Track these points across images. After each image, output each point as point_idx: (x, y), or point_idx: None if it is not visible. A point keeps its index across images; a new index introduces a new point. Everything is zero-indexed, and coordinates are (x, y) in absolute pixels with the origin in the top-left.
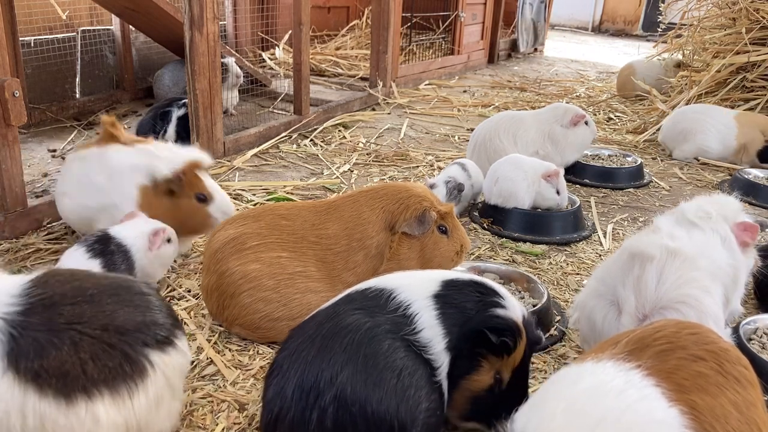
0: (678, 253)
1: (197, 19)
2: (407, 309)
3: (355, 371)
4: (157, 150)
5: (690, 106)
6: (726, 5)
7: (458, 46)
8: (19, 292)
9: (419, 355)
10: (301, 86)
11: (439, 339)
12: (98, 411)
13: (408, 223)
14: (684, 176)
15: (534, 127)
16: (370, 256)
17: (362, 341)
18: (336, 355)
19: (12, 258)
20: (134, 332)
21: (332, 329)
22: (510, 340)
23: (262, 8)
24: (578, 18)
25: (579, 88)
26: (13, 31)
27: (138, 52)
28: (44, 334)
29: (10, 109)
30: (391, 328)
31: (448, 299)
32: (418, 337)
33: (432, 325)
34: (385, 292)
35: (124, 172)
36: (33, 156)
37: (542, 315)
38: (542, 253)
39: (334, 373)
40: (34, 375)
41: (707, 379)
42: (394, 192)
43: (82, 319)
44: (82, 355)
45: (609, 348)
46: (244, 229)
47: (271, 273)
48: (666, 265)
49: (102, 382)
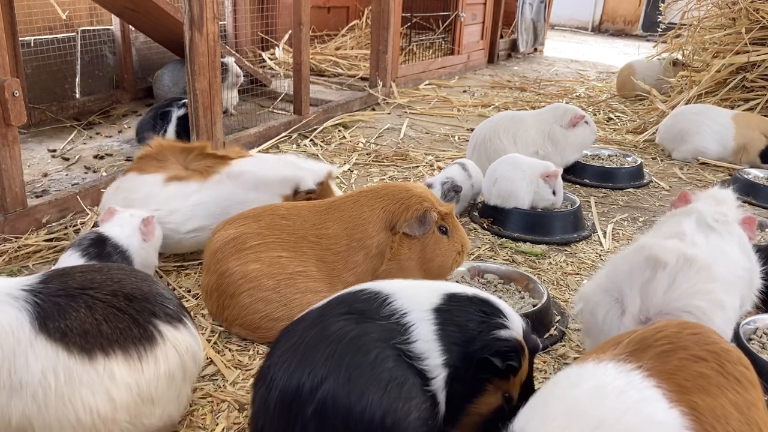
0: (694, 261)
1: (197, 19)
2: (402, 317)
3: (338, 384)
4: (296, 160)
5: (688, 107)
6: (726, 5)
7: (458, 46)
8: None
9: (410, 365)
10: (301, 86)
11: (436, 354)
12: (113, 368)
13: (408, 223)
14: (684, 176)
15: (534, 127)
16: (371, 256)
17: (346, 352)
18: (317, 367)
19: (12, 258)
20: (141, 301)
21: (316, 337)
22: (516, 362)
23: (262, 8)
24: (578, 18)
25: (579, 88)
26: (13, 31)
27: (138, 52)
28: (63, 298)
29: (10, 109)
30: (381, 335)
31: (450, 315)
32: (411, 347)
33: (429, 339)
34: (380, 297)
35: (274, 185)
36: (33, 156)
37: (542, 315)
38: (542, 253)
39: (314, 385)
40: (62, 334)
41: (708, 379)
42: (395, 192)
43: (93, 285)
44: (97, 316)
45: (610, 348)
46: (244, 229)
47: (271, 273)
48: (679, 272)
49: (115, 342)
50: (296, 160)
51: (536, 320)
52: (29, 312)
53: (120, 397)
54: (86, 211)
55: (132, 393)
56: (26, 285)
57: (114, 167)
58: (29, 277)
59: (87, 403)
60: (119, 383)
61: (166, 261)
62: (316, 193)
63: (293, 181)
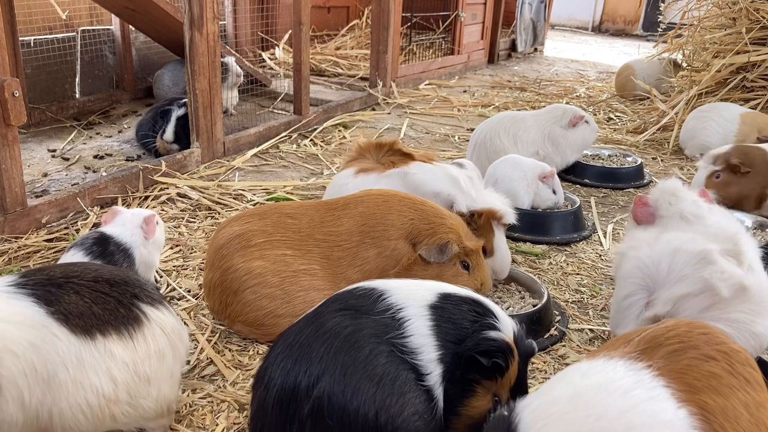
0: (746, 291)
1: (197, 19)
2: (398, 312)
3: (333, 382)
4: (461, 175)
5: (706, 104)
6: (726, 5)
7: (458, 46)
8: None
9: (404, 360)
10: (301, 86)
11: (431, 349)
12: (112, 347)
13: (428, 248)
14: (684, 176)
15: (534, 127)
16: (384, 255)
17: (340, 348)
18: (312, 366)
19: (12, 258)
20: (122, 285)
21: (311, 335)
22: (502, 361)
23: (262, 8)
24: (578, 18)
25: (579, 88)
26: (13, 31)
27: (138, 52)
28: (52, 287)
29: (10, 109)
30: (375, 331)
31: (445, 312)
32: (405, 341)
33: (424, 334)
34: (375, 293)
35: (428, 196)
36: (33, 156)
37: (542, 315)
38: (542, 253)
39: (310, 384)
40: (65, 318)
41: (719, 379)
42: (430, 213)
43: (74, 274)
44: (86, 299)
45: (621, 346)
46: (249, 227)
47: (275, 270)
48: (730, 302)
49: (107, 322)
50: (461, 181)
51: (536, 320)
52: (33, 301)
53: (120, 376)
54: (86, 211)
55: (129, 371)
56: (9, 282)
57: (114, 167)
58: (5, 277)
59: (93, 384)
60: (118, 362)
61: (167, 261)
62: (477, 224)
63: (446, 199)
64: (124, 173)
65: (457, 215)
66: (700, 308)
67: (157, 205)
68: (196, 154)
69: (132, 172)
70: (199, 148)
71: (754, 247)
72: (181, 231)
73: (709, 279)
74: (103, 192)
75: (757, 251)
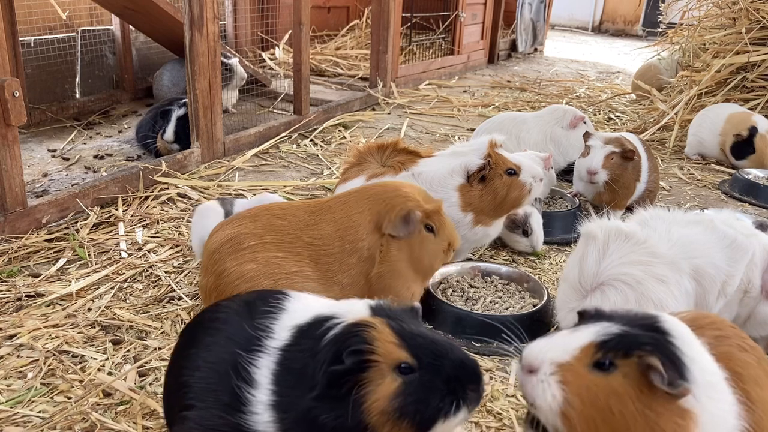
0: (630, 235)
1: (197, 19)
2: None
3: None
4: (461, 148)
5: (713, 105)
6: (726, 5)
7: (458, 46)
8: None
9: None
10: (301, 86)
11: (265, 393)
12: None
13: (393, 223)
14: (684, 176)
15: (536, 128)
16: (363, 259)
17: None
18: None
19: (12, 258)
20: None
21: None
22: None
23: (262, 8)
24: (578, 18)
25: (579, 88)
26: (13, 31)
27: (138, 52)
28: None
29: (10, 109)
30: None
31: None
32: (250, 369)
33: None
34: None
35: (445, 180)
36: (33, 156)
37: (542, 315)
38: (542, 253)
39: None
40: None
41: (756, 370)
42: (381, 192)
43: None
44: None
45: None
46: (240, 230)
47: (267, 273)
48: (611, 244)
49: None
50: (459, 148)
51: (536, 320)
52: None
53: None
54: (86, 212)
55: None
56: None
57: (114, 167)
58: None
59: None
60: None
61: (167, 261)
62: (490, 165)
63: (461, 169)
64: (124, 173)
65: (412, 183)
66: (595, 259)
67: (157, 205)
68: (196, 154)
69: (132, 172)
70: (199, 148)
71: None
72: (181, 231)
73: (582, 230)
74: (103, 192)
75: None
